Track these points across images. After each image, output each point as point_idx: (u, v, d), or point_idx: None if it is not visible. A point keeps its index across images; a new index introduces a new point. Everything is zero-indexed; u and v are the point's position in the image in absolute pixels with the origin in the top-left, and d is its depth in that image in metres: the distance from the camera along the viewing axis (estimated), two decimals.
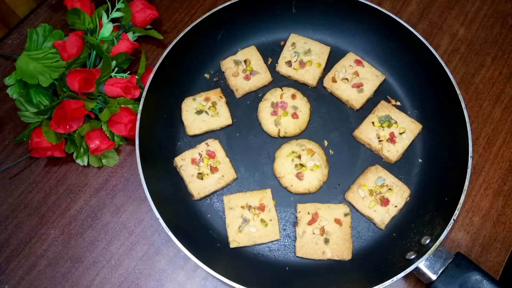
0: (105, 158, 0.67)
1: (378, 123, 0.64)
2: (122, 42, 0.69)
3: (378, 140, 0.64)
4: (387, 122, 0.64)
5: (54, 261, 0.62)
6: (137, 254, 0.62)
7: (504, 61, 0.73)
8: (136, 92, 0.67)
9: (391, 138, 0.63)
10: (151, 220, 0.64)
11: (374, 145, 0.64)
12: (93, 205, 0.65)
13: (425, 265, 0.53)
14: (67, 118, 0.62)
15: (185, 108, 0.67)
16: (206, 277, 0.61)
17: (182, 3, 0.78)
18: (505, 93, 0.70)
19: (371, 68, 0.69)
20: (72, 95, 0.62)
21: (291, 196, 0.64)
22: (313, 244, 0.59)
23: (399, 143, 0.63)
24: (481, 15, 0.76)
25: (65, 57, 0.66)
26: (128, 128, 0.64)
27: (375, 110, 0.66)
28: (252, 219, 0.60)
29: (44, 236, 0.63)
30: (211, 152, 0.64)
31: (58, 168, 0.67)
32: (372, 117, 0.65)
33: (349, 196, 0.62)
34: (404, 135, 0.64)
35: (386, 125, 0.64)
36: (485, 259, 0.61)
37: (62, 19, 0.77)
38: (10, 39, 0.76)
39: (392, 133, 0.64)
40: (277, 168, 0.64)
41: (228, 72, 0.70)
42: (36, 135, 0.63)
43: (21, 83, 0.66)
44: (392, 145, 0.63)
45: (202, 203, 0.64)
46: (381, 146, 0.63)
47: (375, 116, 0.65)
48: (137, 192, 0.66)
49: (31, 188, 0.66)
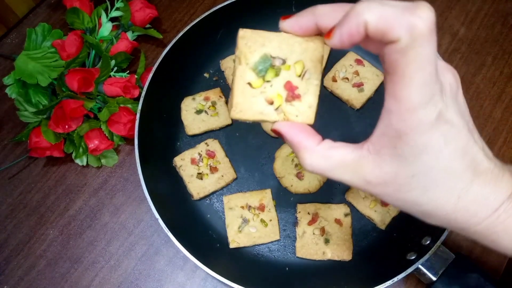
0: (104, 158, 0.66)
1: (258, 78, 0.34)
2: (121, 41, 0.69)
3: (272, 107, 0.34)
4: (271, 68, 0.34)
5: (53, 261, 0.62)
6: (136, 254, 0.62)
7: (505, 60, 0.73)
8: (136, 92, 0.66)
9: (291, 92, 0.34)
10: (151, 220, 0.64)
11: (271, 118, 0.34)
12: (92, 205, 0.65)
13: (426, 266, 0.53)
14: (66, 117, 0.62)
15: (185, 107, 0.67)
16: (206, 278, 0.60)
17: (182, 2, 0.78)
18: (506, 92, 0.70)
19: (371, 67, 0.69)
20: (71, 94, 0.62)
21: (291, 196, 0.63)
22: (313, 244, 0.59)
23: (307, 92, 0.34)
24: (481, 14, 0.76)
25: (64, 57, 0.66)
26: (128, 128, 0.64)
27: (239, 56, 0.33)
28: (252, 219, 0.60)
29: (43, 236, 0.63)
30: (210, 152, 0.64)
31: (57, 168, 0.67)
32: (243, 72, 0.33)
33: (349, 196, 0.62)
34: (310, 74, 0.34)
35: (271, 75, 0.34)
36: (485, 260, 0.60)
37: (61, 19, 0.76)
38: (9, 38, 0.76)
39: (288, 83, 0.34)
40: (277, 168, 0.63)
41: (228, 71, 0.70)
42: (35, 135, 0.63)
43: (20, 83, 0.65)
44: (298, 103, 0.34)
45: (202, 203, 0.64)
46: (282, 115, 0.34)
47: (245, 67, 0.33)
48: (136, 192, 0.65)
49: (30, 188, 0.66)
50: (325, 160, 0.32)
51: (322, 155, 0.32)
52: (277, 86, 0.34)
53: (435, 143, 0.28)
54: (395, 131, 0.28)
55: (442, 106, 0.28)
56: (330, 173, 0.32)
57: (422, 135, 0.28)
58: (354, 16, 0.27)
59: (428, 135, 0.28)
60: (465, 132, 0.30)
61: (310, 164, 0.32)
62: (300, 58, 0.34)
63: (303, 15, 0.32)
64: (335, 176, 0.32)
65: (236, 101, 0.33)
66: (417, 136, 0.28)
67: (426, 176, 0.29)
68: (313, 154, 0.32)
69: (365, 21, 0.26)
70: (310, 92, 0.34)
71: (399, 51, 0.26)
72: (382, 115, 0.30)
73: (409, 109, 0.27)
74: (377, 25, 0.26)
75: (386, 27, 0.25)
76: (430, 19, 0.25)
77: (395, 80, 0.27)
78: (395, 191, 0.31)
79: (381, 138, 0.30)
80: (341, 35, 0.28)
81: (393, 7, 0.26)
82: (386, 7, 0.26)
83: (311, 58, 0.34)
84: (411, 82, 0.26)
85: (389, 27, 0.25)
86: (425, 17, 0.25)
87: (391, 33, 0.25)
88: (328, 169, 0.32)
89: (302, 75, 0.34)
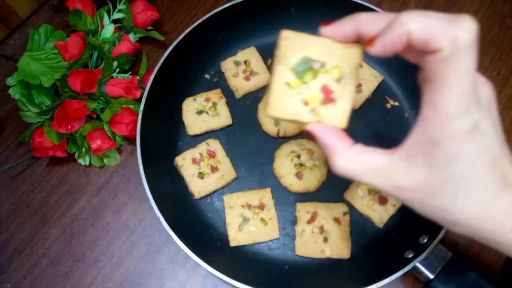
0: (107, 158, 0.67)
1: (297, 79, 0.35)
2: (124, 43, 0.70)
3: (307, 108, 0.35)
4: (310, 70, 0.35)
5: (56, 260, 0.63)
6: (138, 253, 0.63)
7: (502, 61, 0.73)
8: (138, 93, 0.67)
9: (327, 95, 0.35)
10: (152, 219, 0.64)
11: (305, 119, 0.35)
12: (95, 205, 0.66)
13: (423, 264, 0.53)
14: (69, 118, 0.63)
15: (186, 108, 0.68)
16: (207, 275, 0.61)
17: (183, 4, 0.79)
18: (503, 93, 0.71)
19: (369, 68, 0.69)
20: (74, 95, 0.63)
21: (291, 195, 0.64)
22: (313, 242, 0.60)
23: (342, 97, 0.35)
24: (479, 16, 0.77)
25: (67, 58, 0.66)
26: (130, 128, 0.65)
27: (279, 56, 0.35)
28: (252, 218, 0.61)
29: (46, 235, 0.64)
30: (211, 151, 0.65)
31: (60, 168, 0.68)
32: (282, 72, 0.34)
33: (348, 195, 0.63)
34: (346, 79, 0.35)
35: (309, 76, 0.35)
36: (483, 258, 0.61)
37: (63, 20, 0.77)
38: (12, 39, 0.77)
39: (325, 87, 0.35)
40: (276, 168, 0.64)
41: (228, 72, 0.70)
42: (38, 135, 0.64)
43: (23, 84, 0.66)
44: (333, 107, 0.35)
45: (203, 202, 0.64)
46: (316, 117, 0.35)
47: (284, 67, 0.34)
48: (138, 191, 0.66)
49: (33, 188, 0.67)
50: (356, 164, 0.33)
51: (354, 159, 0.33)
52: (314, 88, 0.35)
53: (468, 153, 0.29)
54: (430, 138, 0.29)
55: (478, 117, 0.29)
56: (360, 177, 0.33)
57: (457, 144, 0.29)
58: (398, 26, 0.28)
59: (462, 144, 0.29)
60: (497, 144, 0.31)
61: (341, 167, 0.33)
62: (338, 63, 0.35)
63: (345, 22, 0.33)
64: (365, 180, 0.33)
65: (273, 99, 0.34)
66: (451, 145, 0.29)
67: (456, 184, 0.30)
68: (344, 157, 0.33)
69: (409, 30, 0.27)
70: (345, 97, 0.35)
71: (440, 61, 0.27)
72: (417, 123, 0.31)
73: (446, 117, 0.28)
74: (421, 35, 0.27)
75: (430, 37, 0.27)
76: (473, 31, 0.26)
77: (434, 89, 0.28)
78: (424, 198, 0.32)
79: (415, 145, 0.31)
80: (383, 44, 0.29)
81: (437, 19, 0.27)
82: (430, 18, 0.27)
83: (348, 64, 0.35)
84: (450, 92, 0.27)
85: (432, 37, 0.26)
86: (468, 29, 0.26)
87: (434, 43, 0.26)
88: (359, 173, 0.33)
89: (339, 80, 0.35)
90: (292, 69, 0.34)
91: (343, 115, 0.35)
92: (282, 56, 0.34)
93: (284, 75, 0.34)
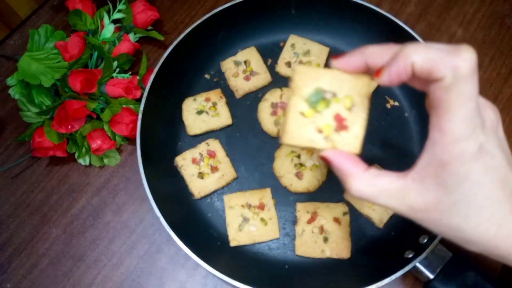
0: (107, 158, 0.67)
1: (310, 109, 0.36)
2: (124, 43, 0.70)
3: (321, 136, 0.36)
4: (322, 100, 0.36)
5: (56, 260, 0.63)
6: (138, 252, 0.63)
7: (502, 61, 0.73)
8: (138, 93, 0.67)
9: (340, 123, 0.37)
10: (152, 219, 0.65)
11: (319, 145, 0.36)
12: (95, 204, 0.66)
13: (423, 264, 0.53)
14: (69, 118, 0.63)
15: (186, 108, 0.68)
16: (207, 275, 0.61)
17: (183, 5, 0.79)
18: (502, 93, 0.71)
19: None
20: (74, 95, 0.63)
21: (291, 195, 0.64)
22: (312, 242, 0.60)
23: (354, 124, 0.37)
24: (479, 16, 0.77)
25: (67, 58, 0.66)
26: (130, 128, 0.65)
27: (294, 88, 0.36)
28: (252, 218, 0.61)
29: (46, 235, 0.64)
30: (211, 151, 0.65)
31: (60, 168, 0.68)
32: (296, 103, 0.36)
33: (348, 196, 0.63)
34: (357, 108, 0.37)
35: (322, 106, 0.36)
36: (483, 257, 0.60)
37: (63, 20, 0.77)
38: (12, 40, 0.77)
39: (337, 115, 0.37)
40: (276, 168, 0.64)
41: (228, 72, 0.70)
42: (38, 135, 0.64)
43: (23, 84, 0.66)
44: (345, 134, 0.37)
45: (203, 202, 0.64)
46: (331, 143, 0.36)
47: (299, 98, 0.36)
48: (138, 191, 0.66)
49: (33, 188, 0.67)
50: (371, 187, 0.34)
51: (368, 183, 0.34)
52: (327, 116, 0.37)
53: (476, 173, 0.30)
54: (439, 161, 0.31)
55: (483, 139, 0.30)
56: (375, 199, 0.34)
57: (464, 165, 0.30)
58: (403, 58, 0.30)
59: (469, 165, 0.30)
60: (505, 164, 0.32)
61: (356, 189, 0.35)
62: (349, 92, 0.37)
63: (353, 54, 0.36)
64: (380, 202, 0.34)
65: (289, 128, 0.36)
66: (459, 166, 0.30)
67: (467, 204, 0.31)
68: (359, 180, 0.34)
69: (413, 62, 0.30)
70: (357, 124, 0.37)
71: (443, 89, 0.29)
72: (426, 146, 0.32)
73: (453, 140, 0.30)
74: (424, 65, 0.29)
75: (432, 67, 0.29)
76: (472, 61, 0.28)
77: (439, 114, 0.30)
78: (438, 218, 0.33)
79: (425, 168, 0.32)
80: (390, 75, 0.32)
81: (438, 50, 0.29)
82: (432, 49, 0.29)
83: (359, 93, 0.37)
84: (454, 116, 0.29)
85: (435, 68, 0.29)
86: (468, 59, 0.28)
87: (437, 73, 0.29)
88: (373, 196, 0.34)
89: (351, 108, 0.37)
90: (306, 99, 0.36)
91: (356, 141, 0.37)
92: (296, 88, 0.36)
93: (298, 106, 0.36)
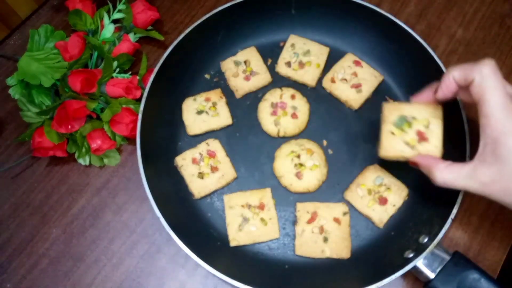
0: (107, 158, 0.67)
1: (398, 130, 0.53)
2: (124, 43, 0.70)
3: (409, 147, 0.52)
4: (406, 123, 0.53)
5: (56, 260, 0.63)
6: (138, 252, 0.63)
7: (502, 61, 0.73)
8: (138, 93, 0.67)
9: (421, 136, 0.52)
10: (152, 219, 0.65)
11: (408, 154, 0.52)
12: (95, 204, 0.66)
13: (423, 264, 0.53)
14: (69, 118, 0.63)
15: (186, 108, 0.68)
16: (207, 275, 0.61)
17: (183, 5, 0.79)
18: None
19: (369, 68, 0.69)
20: (74, 95, 0.63)
21: (291, 195, 0.64)
22: (312, 242, 0.60)
23: (432, 136, 0.52)
24: (479, 16, 0.77)
25: (67, 58, 0.66)
26: (130, 128, 0.65)
27: (384, 118, 0.54)
28: (252, 218, 0.61)
29: (46, 235, 0.64)
30: (211, 151, 0.65)
31: (60, 168, 0.68)
32: (387, 127, 0.54)
33: (348, 195, 0.63)
34: (433, 125, 0.52)
35: (406, 127, 0.53)
36: (483, 257, 0.61)
37: (63, 20, 0.77)
38: (12, 40, 0.77)
39: (419, 131, 0.53)
40: (276, 168, 0.64)
41: (228, 72, 0.70)
42: (38, 135, 0.64)
43: (23, 84, 0.66)
44: (427, 144, 0.52)
45: (203, 202, 0.64)
46: (416, 152, 0.52)
47: (388, 124, 0.54)
48: (138, 191, 0.66)
49: (33, 188, 0.67)
50: (451, 174, 0.46)
51: (448, 171, 0.47)
52: (411, 133, 0.53)
53: None
54: (491, 139, 0.42)
55: None
56: (456, 183, 0.46)
57: (510, 137, 0.41)
58: (446, 75, 0.48)
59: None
60: None
61: (441, 177, 0.47)
62: (425, 116, 0.53)
63: (425, 91, 0.53)
64: (459, 184, 0.46)
65: (384, 145, 0.53)
66: (507, 139, 0.41)
67: None
68: (440, 171, 0.47)
69: (453, 75, 0.47)
70: (435, 137, 0.52)
71: (477, 86, 0.44)
72: (480, 132, 0.44)
73: (495, 120, 0.42)
74: (460, 75, 0.46)
75: (466, 75, 0.45)
76: (492, 65, 0.43)
77: (480, 105, 0.43)
78: (503, 187, 0.43)
79: (485, 148, 0.44)
80: (442, 89, 0.49)
81: (468, 64, 0.45)
82: (464, 65, 0.46)
83: (433, 116, 0.53)
84: (490, 103, 0.42)
85: (468, 74, 0.45)
86: (488, 63, 0.44)
87: (469, 77, 0.45)
88: (454, 180, 0.46)
89: (428, 126, 0.53)
90: (394, 124, 0.53)
91: (436, 149, 0.52)
92: (386, 117, 0.54)
93: (389, 128, 0.53)
